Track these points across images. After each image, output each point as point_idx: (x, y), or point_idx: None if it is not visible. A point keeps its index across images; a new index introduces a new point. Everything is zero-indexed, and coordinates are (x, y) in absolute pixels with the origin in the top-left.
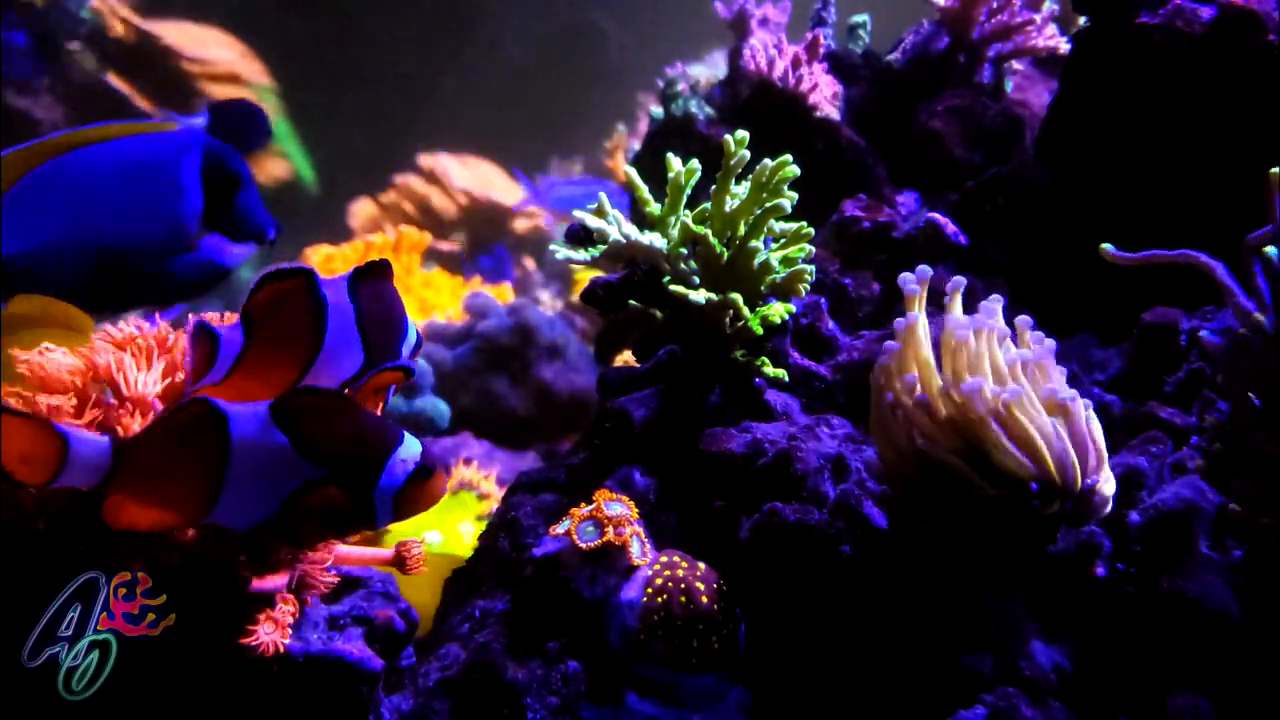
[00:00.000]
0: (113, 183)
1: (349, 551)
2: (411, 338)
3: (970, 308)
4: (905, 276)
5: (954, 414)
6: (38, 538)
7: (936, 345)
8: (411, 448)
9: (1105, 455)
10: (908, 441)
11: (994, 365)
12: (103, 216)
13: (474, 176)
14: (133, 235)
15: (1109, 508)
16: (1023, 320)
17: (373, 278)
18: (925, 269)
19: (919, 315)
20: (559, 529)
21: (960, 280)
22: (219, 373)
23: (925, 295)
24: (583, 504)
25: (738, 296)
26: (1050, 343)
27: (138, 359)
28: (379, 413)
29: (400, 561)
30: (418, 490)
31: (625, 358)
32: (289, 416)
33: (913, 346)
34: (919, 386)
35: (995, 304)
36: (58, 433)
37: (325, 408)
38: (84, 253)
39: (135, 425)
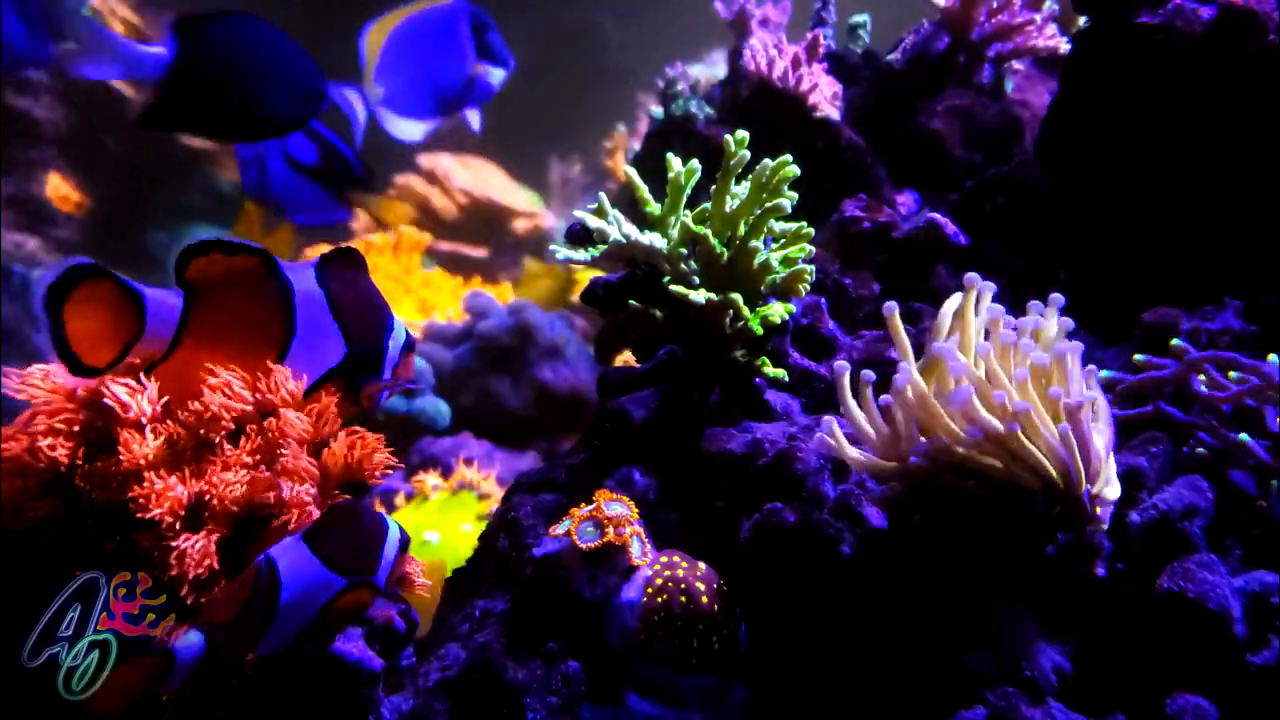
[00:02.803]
0: (433, 39)
1: None
2: (400, 334)
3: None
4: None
5: (954, 431)
6: (38, 537)
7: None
8: (393, 533)
9: (1111, 460)
10: (904, 456)
11: (1007, 375)
12: (433, 63)
13: (474, 176)
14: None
15: (1111, 511)
16: (1036, 318)
17: (342, 264)
18: (974, 276)
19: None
20: (559, 529)
21: (983, 282)
22: (157, 338)
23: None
24: (583, 504)
25: (738, 296)
26: (1078, 344)
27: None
28: (369, 407)
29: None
30: (399, 567)
31: (625, 358)
32: (323, 541)
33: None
34: (918, 405)
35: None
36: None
37: (336, 519)
38: (423, 86)
39: (135, 447)
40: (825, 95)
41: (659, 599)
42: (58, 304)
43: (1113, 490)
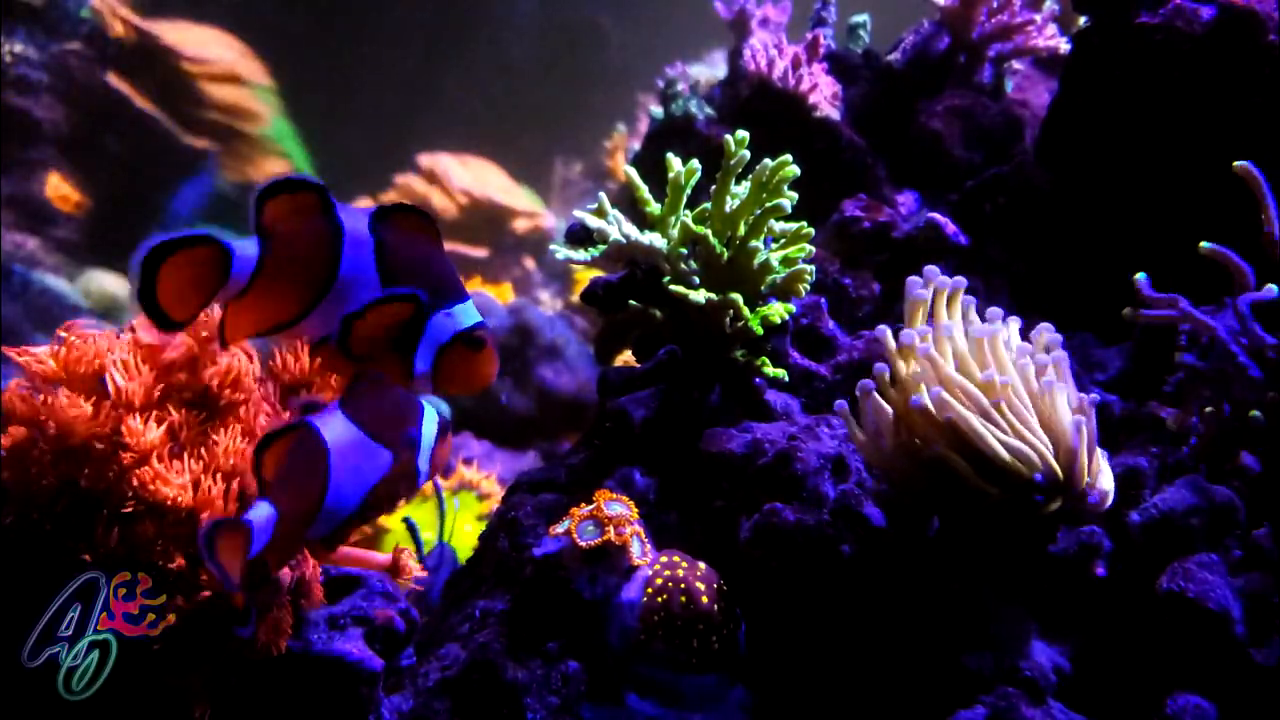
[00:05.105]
0: None
1: (350, 553)
2: (464, 317)
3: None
4: (913, 280)
5: (957, 410)
6: (40, 538)
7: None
8: (431, 415)
9: (1101, 454)
10: (903, 447)
11: (1000, 364)
12: None
13: (474, 176)
14: None
15: (1109, 504)
16: (1044, 325)
17: (401, 218)
18: (933, 269)
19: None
20: (559, 529)
21: (961, 281)
22: (236, 285)
23: (930, 302)
24: (583, 504)
25: (738, 296)
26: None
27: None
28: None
29: (396, 569)
30: (442, 449)
31: (625, 358)
32: (358, 409)
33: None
34: (913, 387)
35: (996, 316)
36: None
37: (367, 390)
38: None
39: (133, 423)
40: (825, 95)
41: (659, 599)
42: (153, 268)
43: (1106, 480)
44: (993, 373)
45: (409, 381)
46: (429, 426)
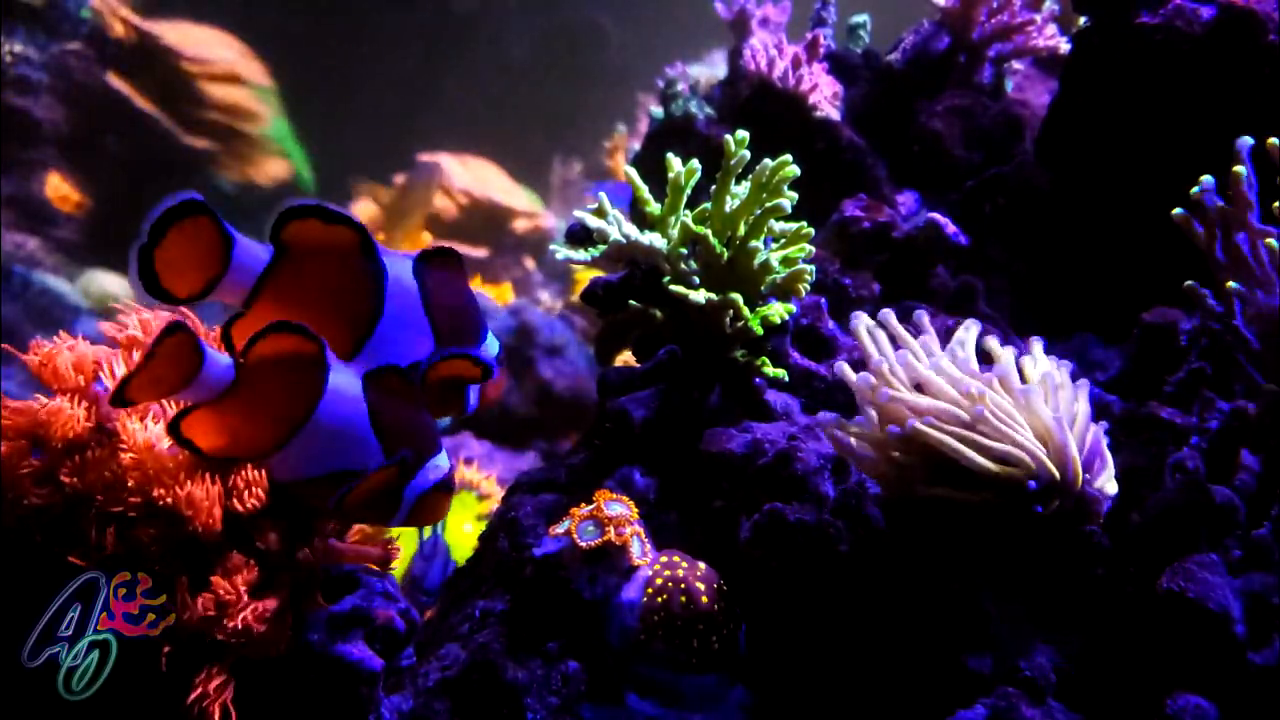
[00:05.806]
0: None
1: (341, 546)
2: (491, 347)
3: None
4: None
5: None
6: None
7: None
8: (443, 460)
9: (1109, 458)
10: (896, 466)
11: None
12: None
13: (474, 176)
14: None
15: (1109, 505)
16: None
17: (441, 263)
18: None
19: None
20: (559, 529)
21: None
22: (238, 284)
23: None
24: (583, 504)
25: (738, 296)
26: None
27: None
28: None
29: (384, 559)
30: (434, 500)
31: (625, 358)
32: (377, 389)
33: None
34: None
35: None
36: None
37: (404, 392)
38: None
39: (130, 424)
40: (825, 95)
41: (659, 599)
42: (161, 230)
43: (1108, 482)
44: (968, 385)
45: (463, 413)
46: (435, 469)
